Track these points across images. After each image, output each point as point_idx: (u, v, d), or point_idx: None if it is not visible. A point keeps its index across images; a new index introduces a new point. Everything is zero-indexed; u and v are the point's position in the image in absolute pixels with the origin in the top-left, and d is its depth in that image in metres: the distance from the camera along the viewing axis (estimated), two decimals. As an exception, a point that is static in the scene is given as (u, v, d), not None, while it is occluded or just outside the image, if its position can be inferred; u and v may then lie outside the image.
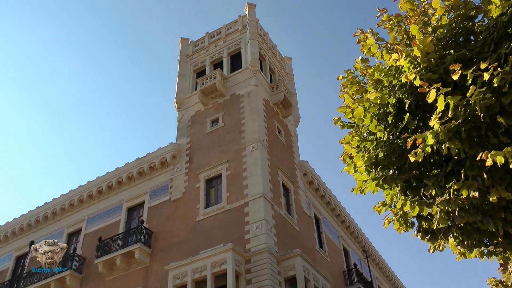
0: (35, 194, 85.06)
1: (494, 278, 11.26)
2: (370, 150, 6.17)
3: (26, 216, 31.38)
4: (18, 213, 49.67)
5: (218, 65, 30.67)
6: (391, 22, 6.33)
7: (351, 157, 6.65)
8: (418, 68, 5.52)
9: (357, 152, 6.40)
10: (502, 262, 7.47)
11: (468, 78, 5.01)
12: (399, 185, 6.14)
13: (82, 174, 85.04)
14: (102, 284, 24.40)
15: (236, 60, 30.16)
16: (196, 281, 20.11)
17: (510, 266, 7.87)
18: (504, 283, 10.85)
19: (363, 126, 6.33)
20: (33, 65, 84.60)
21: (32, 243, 28.81)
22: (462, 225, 5.91)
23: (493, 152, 4.66)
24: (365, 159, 6.15)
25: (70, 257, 26.32)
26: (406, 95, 5.77)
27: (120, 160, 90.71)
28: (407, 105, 5.76)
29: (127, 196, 27.24)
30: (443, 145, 5.10)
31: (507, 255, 6.35)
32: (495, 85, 4.75)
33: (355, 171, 6.61)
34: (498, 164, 4.66)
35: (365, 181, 6.49)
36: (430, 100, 5.10)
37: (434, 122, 5.07)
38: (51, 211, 30.07)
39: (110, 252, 24.14)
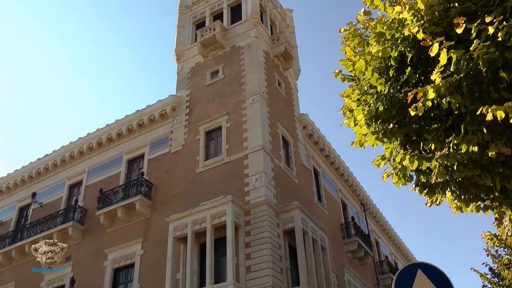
0: (35, 146, 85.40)
1: (489, 232, 11.45)
2: (370, 104, 6.13)
3: (27, 168, 31.60)
4: (19, 165, 49.96)
5: (218, 16, 30.18)
6: (395, -27, 6.18)
7: (351, 111, 6.62)
8: (422, 21, 5.42)
9: (357, 106, 6.37)
10: (497, 216, 7.56)
11: (472, 31, 4.93)
12: (398, 139, 6.13)
13: (82, 126, 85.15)
14: (104, 235, 24.82)
15: (236, 12, 29.65)
16: (196, 232, 20.44)
17: (505, 221, 7.98)
18: (499, 237, 11.04)
19: (364, 80, 6.27)
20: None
21: (34, 194, 29.20)
22: (460, 179, 5.94)
23: (493, 106, 4.63)
24: (365, 112, 6.13)
25: (71, 208, 26.68)
26: (408, 49, 5.69)
27: (120, 113, 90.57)
28: (409, 59, 5.69)
29: (127, 148, 27.35)
30: (444, 99, 5.06)
31: (502, 209, 6.41)
32: (500, 39, 4.67)
33: (355, 125, 6.59)
34: (499, 119, 4.64)
35: (365, 134, 6.48)
36: (432, 54, 5.04)
37: (435, 76, 5.02)
38: (51, 163, 30.25)
39: (111, 204, 24.44)
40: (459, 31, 4.93)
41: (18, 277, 27.17)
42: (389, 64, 5.90)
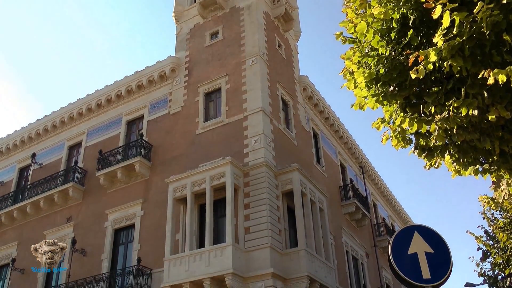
0: (33, 108, 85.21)
1: (485, 195, 11.54)
2: (371, 66, 6.09)
3: (26, 129, 31.60)
4: (18, 126, 49.95)
5: (217, -25, 29.59)
6: None
7: (351, 73, 6.57)
8: (425, -18, 5.33)
9: (358, 68, 6.32)
10: (495, 180, 7.61)
11: (476, -7, 4.86)
12: (398, 101, 6.11)
13: (81, 88, 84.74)
14: (104, 196, 25.03)
15: (236, -29, 29.08)
16: (195, 193, 20.61)
17: (502, 184, 8.03)
18: (495, 200, 11.13)
19: (365, 42, 6.20)
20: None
21: (34, 155, 29.30)
22: (459, 143, 5.95)
23: (495, 70, 4.60)
24: (366, 75, 6.09)
25: (71, 169, 26.81)
26: (411, 11, 5.61)
27: (119, 74, 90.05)
28: (411, 21, 5.61)
29: (126, 110, 27.29)
30: (446, 62, 5.02)
31: (500, 173, 6.45)
32: (504, 1, 4.60)
33: (355, 87, 6.55)
34: (500, 83, 4.61)
35: (365, 97, 6.45)
36: (435, 16, 4.97)
37: (437, 39, 4.96)
38: (51, 124, 30.24)
39: (110, 165, 24.55)
40: (462, -8, 4.86)
41: (20, 236, 27.53)
42: (391, 26, 5.83)
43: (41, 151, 30.01)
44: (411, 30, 5.55)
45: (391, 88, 6.01)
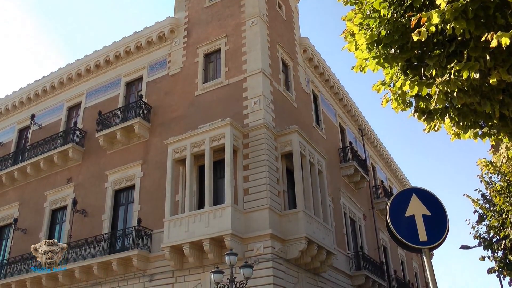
0: (32, 68, 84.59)
1: (484, 159, 11.57)
2: (372, 28, 6.01)
3: (25, 90, 31.43)
4: (17, 87, 49.72)
5: None
6: None
7: (352, 35, 6.49)
8: None
9: (359, 30, 6.24)
10: (494, 143, 7.62)
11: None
12: (399, 64, 6.06)
13: (79, 48, 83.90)
14: (104, 157, 25.11)
15: None
16: (195, 155, 20.68)
17: (501, 148, 8.03)
18: (494, 164, 11.17)
19: (367, 3, 6.10)
20: None
21: (33, 116, 29.28)
22: (459, 106, 5.93)
23: (499, 33, 4.53)
24: (367, 36, 6.01)
25: (71, 130, 26.81)
26: (414, -29, 5.50)
27: (118, 35, 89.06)
28: (414, -18, 5.51)
29: (125, 71, 27.09)
30: (448, 24, 4.95)
31: (500, 136, 6.44)
32: (509, -39, 4.52)
33: (356, 49, 6.48)
34: (503, 46, 4.56)
35: (366, 59, 6.38)
36: (438, -23, 4.88)
37: (440, 1, 4.88)
38: (49, 85, 30.06)
39: (110, 126, 24.54)
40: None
41: (22, 197, 27.78)
42: (393, -13, 5.73)
43: (40, 112, 29.95)
44: (414, -9, 5.45)
45: (393, 50, 5.95)
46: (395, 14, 5.73)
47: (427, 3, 5.54)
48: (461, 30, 4.93)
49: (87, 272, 21.96)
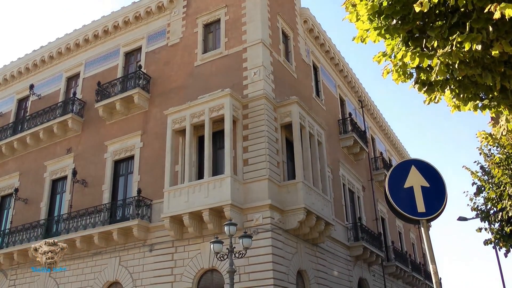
0: (30, 39, 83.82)
1: (484, 131, 11.55)
2: (374, -2, 5.94)
3: (23, 60, 31.20)
4: (15, 57, 49.35)
5: None
6: None
7: (354, 5, 6.41)
8: None
9: (361, 0, 6.17)
10: (494, 116, 7.60)
11: None
12: (401, 35, 6.00)
13: (77, 18, 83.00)
14: (103, 127, 25.11)
15: None
16: (194, 125, 20.68)
17: (501, 120, 8.02)
18: (493, 136, 11.16)
19: (368, -27, 6.01)
20: None
21: (32, 86, 29.19)
22: (460, 78, 5.89)
23: (502, 4, 4.48)
24: (369, 7, 5.94)
25: (70, 101, 26.74)
26: None
27: (116, 5, 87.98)
28: (416, -49, 5.42)
29: (124, 41, 26.87)
30: (451, -5, 4.90)
31: (500, 109, 6.43)
32: None
33: (357, 20, 6.40)
34: (506, 17, 4.51)
35: (367, 30, 6.32)
36: None
37: (443, -29, 4.82)
38: (47, 55, 29.85)
39: (109, 97, 24.47)
40: None
41: (22, 167, 27.88)
42: (396, -44, 5.64)
43: (39, 82, 29.82)
44: (416, -39, 5.36)
45: (394, 21, 5.88)
46: (397, -16, 5.65)
47: (430, -27, 5.46)
48: (464, 1, 4.87)
49: (88, 242, 22.19)
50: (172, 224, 19.41)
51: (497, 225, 12.37)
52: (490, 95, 6.10)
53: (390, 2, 5.71)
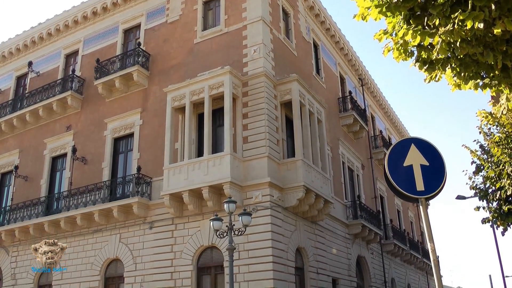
0: (28, 15, 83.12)
1: (484, 110, 11.52)
2: (375, -25, 5.87)
3: (21, 36, 30.94)
4: (13, 33, 49.01)
5: None
6: None
7: (355, -18, 6.35)
8: None
9: (362, -23, 6.10)
10: (494, 95, 7.57)
11: None
12: (402, 13, 5.94)
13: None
14: (103, 105, 25.05)
15: None
16: (194, 103, 20.65)
17: (502, 99, 7.99)
18: (493, 115, 11.13)
19: (370, -51, 5.94)
20: None
21: (30, 63, 29.03)
22: (461, 56, 5.86)
23: (505, -19, 4.44)
24: (370, -16, 5.89)
25: (69, 78, 26.62)
26: None
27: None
28: None
29: (122, 18, 26.62)
30: (453, -28, 4.84)
31: (501, 87, 6.40)
32: None
33: (359, -3, 6.35)
34: (509, -5, 4.48)
35: (368, 7, 6.26)
36: None
37: None
38: (46, 32, 29.59)
39: (108, 74, 24.35)
40: None
41: (22, 144, 27.89)
42: None
43: (38, 60, 29.64)
44: None
45: (395, -1, 5.82)
46: (399, -39, 5.59)
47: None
48: (466, -22, 4.82)
49: (88, 219, 22.32)
50: (172, 202, 19.50)
51: (495, 203, 12.42)
52: (491, 74, 6.07)
53: (391, -21, 5.65)
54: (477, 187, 13.05)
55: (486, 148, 12.94)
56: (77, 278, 22.23)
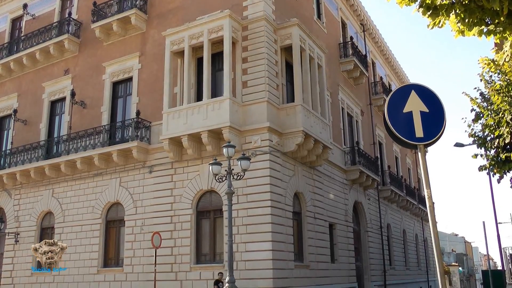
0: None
1: (486, 57, 11.34)
2: None
3: (15, -24, 30.18)
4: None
5: None
6: None
7: None
8: None
9: None
10: (498, 42, 7.45)
11: None
12: (407, -44, 5.80)
13: None
14: (101, 48, 24.74)
15: None
16: (193, 47, 20.39)
17: (505, 46, 7.87)
18: (496, 62, 10.99)
19: None
20: None
21: (25, 6, 28.44)
22: (466, 2, 5.75)
23: None
24: None
25: (66, 21, 26.14)
26: None
27: None
28: None
29: (119, -42, 25.84)
30: None
31: (505, 34, 6.30)
32: None
33: None
34: None
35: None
36: None
37: None
38: (41, -29, 28.83)
39: (106, 17, 23.91)
40: None
41: (20, 88, 27.73)
42: None
43: (33, 2, 28.95)
44: None
45: None
46: None
47: None
48: None
49: (88, 163, 22.50)
50: (171, 146, 19.60)
51: (493, 151, 12.46)
52: (496, 20, 5.96)
53: None
54: (476, 134, 13.05)
55: (486, 96, 12.86)
56: (78, 221, 22.64)
